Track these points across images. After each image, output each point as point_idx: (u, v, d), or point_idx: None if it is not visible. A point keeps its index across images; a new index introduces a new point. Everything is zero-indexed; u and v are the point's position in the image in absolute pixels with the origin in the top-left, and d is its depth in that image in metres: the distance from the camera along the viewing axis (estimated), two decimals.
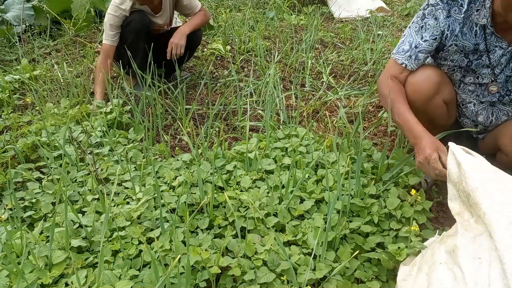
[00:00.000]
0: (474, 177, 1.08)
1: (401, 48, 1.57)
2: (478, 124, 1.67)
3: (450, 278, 0.97)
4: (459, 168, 1.15)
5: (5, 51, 3.31)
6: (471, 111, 1.66)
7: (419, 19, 1.52)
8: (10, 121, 2.13)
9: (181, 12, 2.71)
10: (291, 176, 1.57)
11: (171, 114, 2.33)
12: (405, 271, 1.17)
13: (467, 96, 1.64)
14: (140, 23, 2.41)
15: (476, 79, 1.57)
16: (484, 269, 0.93)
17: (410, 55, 1.55)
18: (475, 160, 1.15)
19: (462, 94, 1.65)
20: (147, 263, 1.27)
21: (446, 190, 1.77)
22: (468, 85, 1.61)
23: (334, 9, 4.70)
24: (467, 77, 1.58)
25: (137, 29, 2.39)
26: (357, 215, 1.47)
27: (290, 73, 2.96)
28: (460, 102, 1.68)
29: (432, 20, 1.49)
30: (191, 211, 1.49)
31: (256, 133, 1.98)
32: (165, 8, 2.54)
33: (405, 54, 1.55)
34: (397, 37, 3.72)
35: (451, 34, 1.49)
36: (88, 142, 1.92)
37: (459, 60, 1.55)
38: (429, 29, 1.50)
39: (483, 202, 1.01)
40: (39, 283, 1.16)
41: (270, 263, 1.23)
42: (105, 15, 2.41)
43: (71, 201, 1.57)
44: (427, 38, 1.51)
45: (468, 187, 1.08)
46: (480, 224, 1.03)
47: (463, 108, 1.68)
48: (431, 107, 1.58)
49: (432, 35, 1.50)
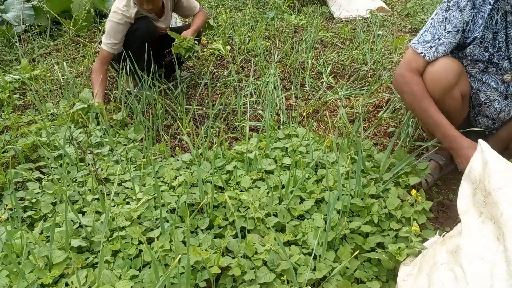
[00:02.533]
0: (498, 177, 1.07)
1: (422, 38, 1.54)
2: (497, 121, 1.67)
3: (451, 278, 0.97)
4: (484, 167, 1.14)
5: (5, 51, 3.30)
6: (494, 109, 1.64)
7: (443, 10, 1.51)
8: (10, 121, 2.13)
9: (181, 13, 2.71)
10: (291, 176, 1.57)
11: (171, 114, 2.33)
12: (405, 271, 1.18)
13: (492, 93, 1.62)
14: (146, 30, 2.38)
15: (499, 70, 1.57)
16: (487, 269, 0.93)
17: (431, 45, 1.52)
18: (502, 160, 1.14)
19: (487, 91, 1.63)
20: (147, 263, 1.27)
21: (446, 190, 1.78)
22: (489, 82, 1.60)
23: (334, 9, 4.70)
24: (490, 67, 1.58)
25: (143, 36, 2.37)
26: (357, 215, 1.47)
27: (290, 73, 2.96)
28: (483, 101, 1.65)
29: (457, 12, 1.47)
30: (191, 211, 1.49)
31: (256, 133, 1.98)
32: (167, 11, 2.54)
33: (426, 45, 1.53)
34: (397, 37, 3.72)
35: (474, 25, 1.48)
36: (88, 142, 1.92)
37: (480, 55, 1.54)
38: (452, 21, 1.48)
39: (503, 203, 1.01)
40: (39, 283, 1.16)
41: (270, 263, 1.23)
42: (106, 17, 2.38)
43: (71, 201, 1.57)
44: (450, 30, 1.49)
45: (491, 186, 1.07)
46: (488, 225, 1.02)
47: (486, 107, 1.66)
48: (449, 99, 1.56)
49: (455, 27, 1.49)
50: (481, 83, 1.63)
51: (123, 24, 2.32)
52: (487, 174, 1.11)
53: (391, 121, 2.27)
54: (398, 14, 4.86)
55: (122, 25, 2.32)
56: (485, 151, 1.18)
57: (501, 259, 0.92)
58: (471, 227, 1.06)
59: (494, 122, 1.68)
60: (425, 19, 4.33)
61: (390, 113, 2.27)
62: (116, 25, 2.31)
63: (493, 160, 1.13)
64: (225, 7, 4.64)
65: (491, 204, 1.05)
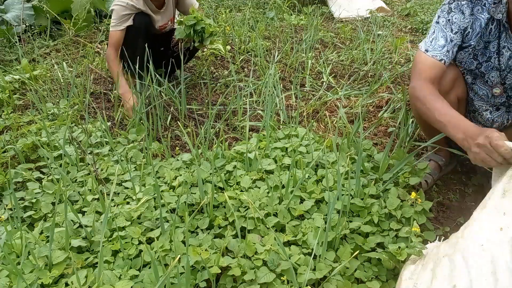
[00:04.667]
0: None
1: (437, 44, 1.48)
2: None
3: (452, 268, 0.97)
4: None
5: (5, 51, 3.30)
6: (486, 119, 1.64)
7: (445, 13, 1.49)
8: (10, 121, 2.13)
9: (182, 9, 2.71)
10: (291, 176, 1.57)
11: (171, 114, 2.33)
12: (411, 269, 1.17)
13: (483, 103, 1.62)
14: (140, 24, 2.39)
15: (485, 83, 1.56)
16: (488, 256, 0.93)
17: (447, 49, 1.48)
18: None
19: (478, 101, 1.63)
20: (147, 263, 1.27)
21: (446, 190, 1.78)
22: (480, 93, 1.60)
23: (334, 9, 4.70)
24: (477, 79, 1.57)
25: (136, 29, 2.39)
26: (357, 215, 1.47)
27: (290, 73, 2.96)
28: (477, 109, 1.65)
29: (459, 14, 1.46)
30: (191, 211, 1.49)
31: (256, 133, 1.98)
32: (168, 2, 2.54)
33: (443, 50, 1.48)
34: (397, 37, 3.72)
35: (472, 32, 1.47)
36: (88, 142, 1.92)
37: (468, 63, 1.53)
38: (456, 23, 1.47)
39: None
40: (39, 283, 1.16)
41: (270, 263, 1.23)
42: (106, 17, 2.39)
43: (71, 201, 1.57)
44: (456, 30, 1.48)
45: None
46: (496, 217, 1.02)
47: (477, 116, 1.66)
48: None
49: (459, 28, 1.47)
50: (473, 92, 1.63)
51: (129, 7, 2.33)
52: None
53: (391, 121, 2.27)
54: (398, 14, 4.86)
55: (128, 8, 2.33)
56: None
57: (504, 247, 0.92)
58: (477, 218, 1.06)
59: None
60: (425, 19, 4.33)
61: (390, 113, 2.27)
62: (121, 8, 2.32)
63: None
64: (225, 7, 4.65)
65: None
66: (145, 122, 2.00)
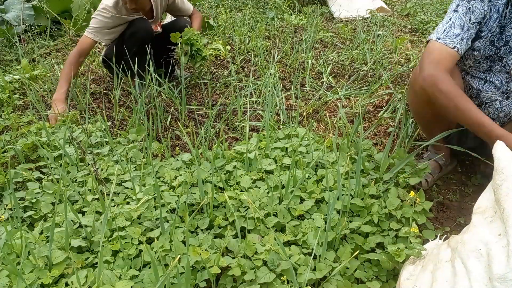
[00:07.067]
0: (501, 172, 1.04)
1: (451, 32, 1.45)
2: (496, 121, 1.65)
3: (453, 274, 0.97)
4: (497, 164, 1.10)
5: (5, 51, 3.30)
6: (495, 109, 1.63)
7: (465, 1, 1.46)
8: (10, 121, 2.13)
9: (174, 15, 2.70)
10: (291, 176, 1.57)
11: (171, 114, 2.33)
12: (409, 270, 1.17)
13: (493, 93, 1.61)
14: (145, 32, 2.38)
15: (503, 67, 1.56)
16: (485, 262, 0.93)
17: (461, 38, 1.44)
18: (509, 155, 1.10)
19: (487, 92, 1.62)
20: (147, 263, 1.27)
21: (446, 190, 1.78)
22: (494, 80, 1.60)
23: (334, 9, 4.70)
24: (494, 66, 1.57)
25: (143, 38, 2.38)
26: (357, 215, 1.47)
27: (290, 73, 2.96)
28: (484, 101, 1.64)
29: (479, 2, 1.44)
30: (191, 211, 1.49)
31: (256, 133, 1.98)
32: (156, 14, 2.50)
33: (457, 38, 1.44)
34: (397, 37, 3.72)
35: (489, 19, 1.46)
36: (88, 142, 1.92)
37: (486, 50, 1.53)
38: (476, 11, 1.45)
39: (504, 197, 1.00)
40: (39, 283, 1.16)
41: (270, 263, 1.23)
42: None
43: (71, 201, 1.57)
44: (474, 21, 1.46)
45: (496, 182, 1.06)
46: (495, 222, 1.02)
47: (486, 107, 1.65)
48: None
49: (477, 18, 1.45)
50: (483, 82, 1.62)
51: (110, 18, 2.30)
52: (496, 171, 1.10)
53: (391, 121, 2.27)
54: (398, 14, 4.86)
55: (109, 18, 2.29)
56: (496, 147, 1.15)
57: (500, 253, 0.92)
58: (477, 223, 1.05)
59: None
60: (425, 19, 4.33)
61: (390, 113, 2.27)
62: (103, 18, 2.29)
63: (502, 157, 1.11)
64: (225, 7, 4.65)
65: (497, 201, 1.05)
66: (145, 122, 2.00)
